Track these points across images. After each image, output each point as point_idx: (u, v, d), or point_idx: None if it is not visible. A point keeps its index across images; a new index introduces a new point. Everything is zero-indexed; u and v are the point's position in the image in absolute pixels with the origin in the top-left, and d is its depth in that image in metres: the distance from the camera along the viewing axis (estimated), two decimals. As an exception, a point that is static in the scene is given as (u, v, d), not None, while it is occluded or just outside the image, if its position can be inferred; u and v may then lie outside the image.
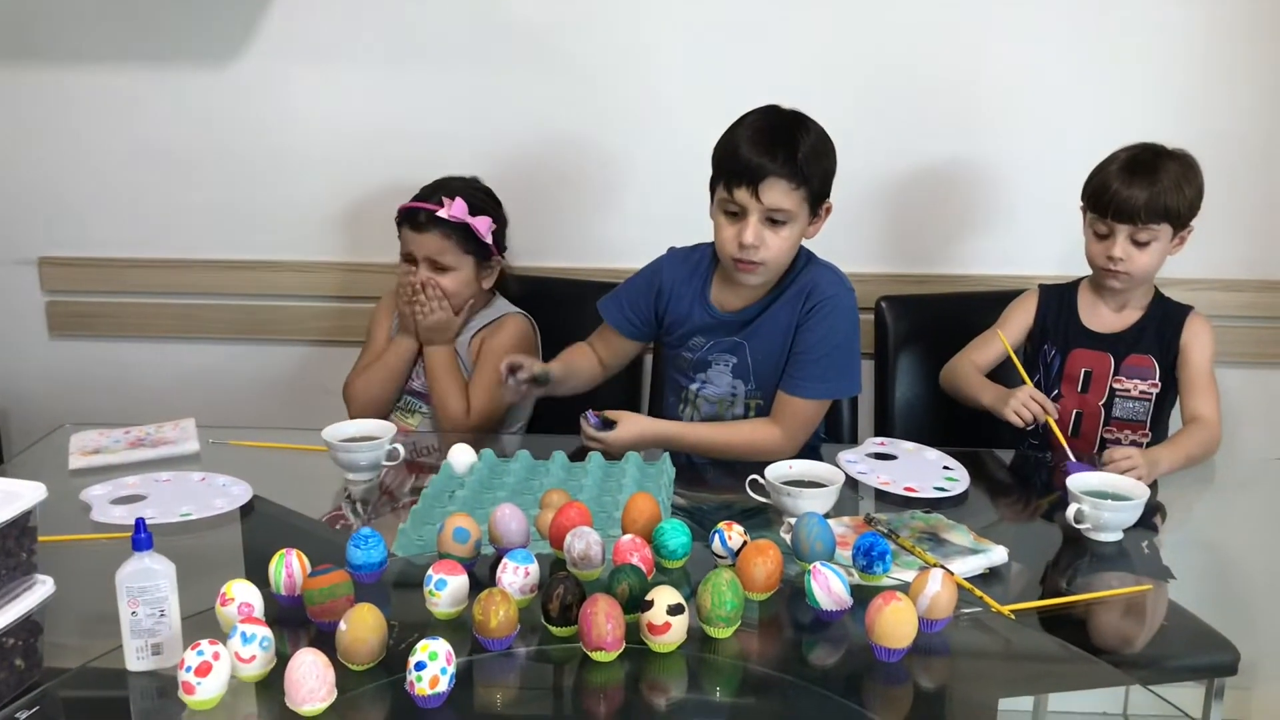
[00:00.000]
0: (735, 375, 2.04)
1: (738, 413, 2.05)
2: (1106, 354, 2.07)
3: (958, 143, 2.48)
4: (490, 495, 1.70)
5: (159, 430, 2.02)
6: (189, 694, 1.16)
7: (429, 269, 2.25)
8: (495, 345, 2.27)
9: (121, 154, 2.62)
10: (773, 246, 1.90)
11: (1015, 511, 1.90)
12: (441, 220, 2.23)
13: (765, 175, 1.85)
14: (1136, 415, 2.06)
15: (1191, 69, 2.40)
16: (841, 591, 1.34)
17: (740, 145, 1.88)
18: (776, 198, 1.86)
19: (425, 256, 2.25)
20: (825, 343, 1.96)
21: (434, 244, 2.24)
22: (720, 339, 2.05)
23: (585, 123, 2.52)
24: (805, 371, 1.96)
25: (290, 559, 1.37)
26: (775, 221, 1.89)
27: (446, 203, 2.23)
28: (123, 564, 1.25)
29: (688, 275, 2.08)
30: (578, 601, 1.27)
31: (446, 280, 2.25)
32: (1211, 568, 1.76)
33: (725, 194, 1.90)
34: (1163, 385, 2.05)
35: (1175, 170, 1.96)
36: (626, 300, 2.13)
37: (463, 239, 2.25)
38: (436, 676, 1.15)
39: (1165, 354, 2.05)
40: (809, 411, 1.97)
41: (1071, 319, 2.12)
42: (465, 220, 2.23)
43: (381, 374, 2.29)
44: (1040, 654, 1.42)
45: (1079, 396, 2.09)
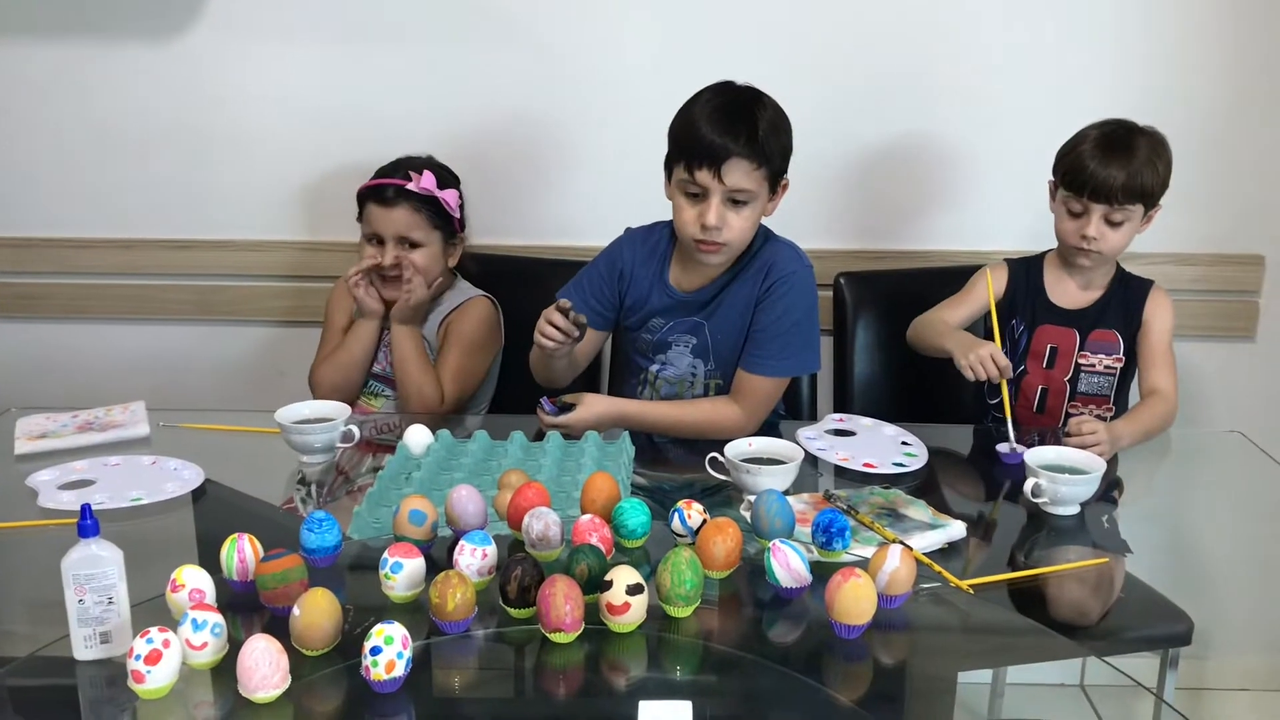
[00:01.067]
0: (695, 355, 2.03)
1: (698, 393, 2.04)
2: (1072, 329, 2.08)
3: (916, 118, 2.47)
4: (447, 477, 1.68)
5: (108, 414, 1.98)
6: (139, 683, 1.14)
7: (398, 247, 2.21)
8: (463, 329, 2.25)
9: (69, 131, 2.56)
10: (735, 227, 1.88)
11: (973, 486, 1.91)
12: (411, 194, 2.19)
13: (728, 156, 1.83)
14: (1101, 390, 2.08)
15: (1148, 45, 2.41)
16: (801, 568, 1.34)
17: (700, 125, 1.85)
18: (738, 178, 1.84)
19: (396, 234, 2.20)
20: (784, 320, 1.95)
21: (405, 219, 2.20)
22: (679, 319, 2.03)
23: (543, 100, 2.50)
24: (764, 349, 1.95)
25: (242, 544, 1.34)
26: (737, 202, 1.87)
27: (414, 176, 2.20)
28: (68, 551, 1.22)
29: (646, 256, 2.06)
30: (536, 583, 1.26)
31: (418, 257, 2.22)
32: (1167, 539, 1.78)
33: (686, 175, 1.86)
34: (1126, 359, 2.07)
35: (1148, 148, 1.97)
36: (589, 289, 2.08)
37: (432, 213, 2.22)
38: (393, 661, 1.14)
39: (1128, 328, 2.07)
40: (768, 389, 1.97)
41: (1039, 295, 2.12)
42: (435, 194, 2.21)
43: (346, 361, 2.24)
44: (999, 627, 1.42)
45: (1044, 372, 2.09)
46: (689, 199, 1.89)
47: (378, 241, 2.22)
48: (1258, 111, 2.44)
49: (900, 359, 2.32)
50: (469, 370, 2.23)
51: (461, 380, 2.21)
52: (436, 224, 2.24)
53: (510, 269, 2.46)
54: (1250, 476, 1.93)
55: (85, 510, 1.22)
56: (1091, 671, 2.13)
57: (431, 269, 2.24)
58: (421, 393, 2.16)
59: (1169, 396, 2.01)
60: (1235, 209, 2.49)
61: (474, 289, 2.33)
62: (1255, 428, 2.02)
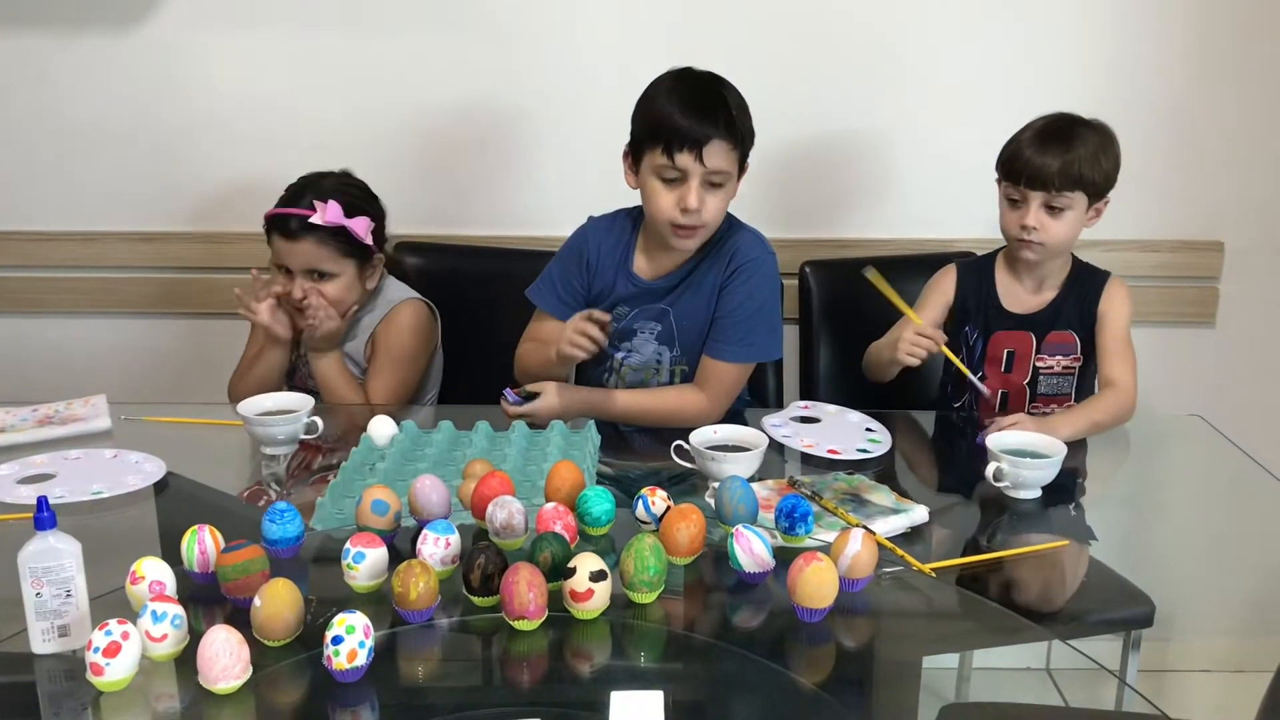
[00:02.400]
0: (660, 342, 2.03)
1: (663, 380, 2.05)
2: (1028, 333, 2.05)
3: (880, 108, 2.49)
4: (411, 467, 1.68)
5: (69, 407, 1.96)
6: (97, 675, 1.13)
7: (308, 278, 2.10)
8: (390, 342, 2.18)
9: (29, 123, 2.53)
10: (712, 208, 1.90)
11: (936, 471, 1.92)
12: (315, 226, 2.08)
13: (709, 139, 1.85)
14: (1061, 389, 2.06)
15: (1106, 31, 2.43)
16: (764, 553, 1.34)
17: (675, 111, 1.86)
18: (718, 160, 1.87)
19: (303, 267, 2.10)
20: (746, 306, 1.96)
21: (310, 253, 2.09)
22: (644, 306, 2.03)
23: (506, 89, 2.49)
24: (727, 335, 1.96)
25: (203, 535, 1.34)
26: (714, 184, 1.89)
27: (319, 206, 2.08)
28: (25, 544, 1.21)
29: (611, 245, 2.06)
30: (499, 571, 1.26)
31: (329, 289, 2.11)
32: (1129, 523, 1.80)
33: (665, 160, 1.86)
34: (1084, 358, 2.05)
35: (1091, 139, 1.94)
36: (560, 282, 2.07)
37: (341, 243, 2.11)
38: (354, 650, 1.13)
39: (1084, 325, 2.04)
40: (733, 376, 1.97)
41: (990, 300, 2.08)
42: (342, 224, 2.09)
43: (259, 380, 2.14)
44: (962, 611, 1.44)
45: (1003, 376, 2.07)
46: (665, 184, 1.89)
47: (286, 272, 2.12)
48: (1217, 98, 2.46)
49: (865, 347, 2.32)
50: (401, 378, 2.17)
51: (394, 391, 2.15)
52: (348, 253, 2.12)
53: (472, 259, 2.46)
54: (1210, 460, 1.95)
55: (42, 503, 1.21)
56: (1056, 655, 2.15)
57: (345, 299, 2.13)
58: (351, 405, 2.10)
59: (1125, 388, 1.96)
60: (1195, 195, 2.52)
61: (402, 291, 2.25)
62: (1215, 412, 2.04)
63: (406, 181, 2.53)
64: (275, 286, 2.12)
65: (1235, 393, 2.54)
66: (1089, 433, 1.90)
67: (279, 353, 2.16)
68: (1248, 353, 2.59)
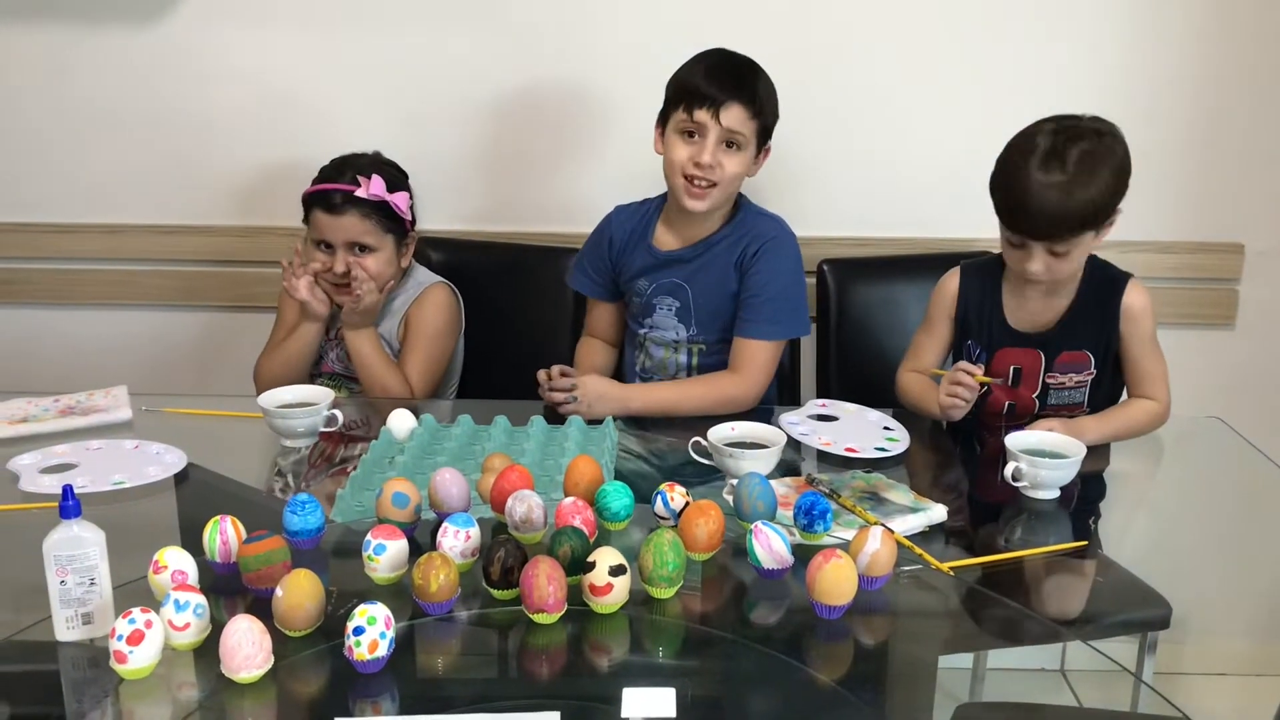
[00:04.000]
0: (679, 319, 2.08)
1: (681, 360, 2.09)
2: (1036, 352, 1.93)
3: (899, 106, 2.48)
4: (430, 461, 1.68)
5: (90, 398, 1.97)
6: (121, 663, 1.14)
7: (349, 253, 2.14)
8: (423, 320, 2.21)
9: (49, 115, 2.54)
10: (726, 168, 1.97)
11: (955, 470, 1.92)
12: (359, 200, 2.12)
13: (728, 99, 1.94)
14: (1073, 400, 1.95)
15: (1123, 29, 2.42)
16: (783, 550, 1.34)
17: (701, 73, 1.97)
18: (735, 121, 1.95)
19: (346, 241, 2.14)
20: (774, 283, 2.02)
21: (355, 226, 2.13)
22: (662, 280, 2.09)
23: (527, 84, 2.49)
24: (757, 313, 2.01)
25: (225, 526, 1.35)
26: (730, 145, 1.96)
27: (363, 181, 2.12)
28: (50, 532, 1.22)
29: (634, 225, 2.14)
30: (519, 564, 1.27)
31: (370, 262, 2.14)
32: (1146, 525, 1.79)
33: (685, 116, 1.96)
34: (1099, 370, 1.93)
35: (1090, 163, 1.77)
36: (590, 265, 2.18)
37: (383, 218, 2.16)
38: (375, 641, 1.14)
39: (1101, 337, 1.91)
40: (766, 354, 2.02)
41: (995, 316, 1.96)
42: (385, 198, 2.14)
43: (288, 358, 2.18)
44: (979, 611, 1.43)
45: (1010, 391, 1.96)
46: (684, 139, 1.98)
47: (326, 248, 2.15)
48: (1237, 99, 2.45)
49: (884, 345, 2.33)
50: (434, 359, 2.21)
51: (429, 371, 2.19)
52: (389, 228, 2.17)
53: (493, 255, 2.47)
54: (1230, 462, 1.94)
55: (67, 491, 1.22)
56: (1071, 657, 2.14)
57: (385, 273, 2.17)
58: (389, 392, 2.12)
59: (1160, 402, 1.89)
60: (1214, 197, 2.50)
61: (430, 275, 2.29)
62: (1234, 414, 2.02)
63: (427, 176, 2.53)
64: (314, 264, 2.15)
65: (1255, 395, 2.53)
66: (1114, 439, 1.88)
67: (314, 330, 2.18)
68: (1268, 355, 2.57)
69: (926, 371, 2.00)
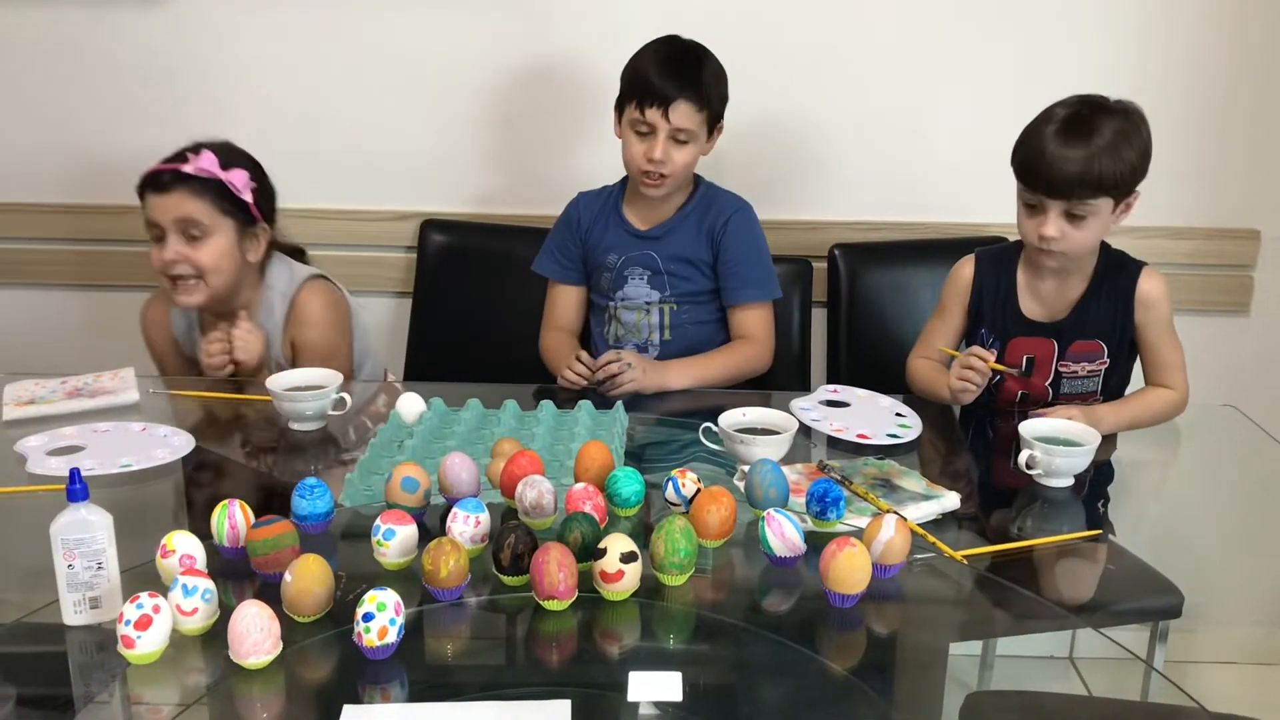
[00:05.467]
0: (650, 286, 2.16)
1: (654, 320, 2.16)
2: (1050, 340, 1.91)
3: (910, 90, 2.46)
4: (440, 445, 1.68)
5: (97, 380, 1.96)
6: (129, 648, 1.14)
7: (180, 239, 1.98)
8: (308, 334, 2.08)
9: (56, 96, 2.53)
10: (677, 161, 2.07)
11: (967, 457, 1.91)
12: (188, 177, 1.97)
13: (676, 98, 2.03)
14: (1086, 389, 1.93)
15: (1143, 17, 2.40)
16: (795, 538, 1.33)
17: (651, 70, 2.06)
18: (683, 119, 2.04)
19: (175, 220, 1.97)
20: (751, 248, 2.15)
21: (182, 204, 1.97)
22: (633, 252, 2.17)
23: (538, 68, 2.49)
24: (746, 278, 2.14)
25: (233, 510, 1.34)
26: (679, 140, 2.06)
27: (191, 157, 1.99)
28: (57, 516, 1.21)
29: (599, 207, 2.23)
30: (529, 551, 1.26)
31: (202, 253, 1.98)
32: (1159, 513, 1.78)
33: (637, 114, 2.06)
34: (1112, 359, 1.91)
35: (1113, 132, 1.77)
36: (557, 250, 2.24)
37: (217, 197, 1.99)
38: (385, 627, 1.14)
39: (1115, 327, 1.89)
40: (766, 315, 2.17)
41: (1009, 304, 1.94)
42: (216, 174, 1.98)
43: None
44: (992, 598, 1.42)
45: (1023, 381, 1.94)
46: (638, 136, 2.08)
47: (157, 236, 2.00)
48: (1253, 85, 2.43)
49: (895, 330, 2.31)
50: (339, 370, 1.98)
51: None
52: (225, 210, 2.00)
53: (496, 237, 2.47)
54: (1243, 450, 1.92)
55: (74, 475, 1.22)
56: (1081, 645, 2.14)
57: (221, 267, 2.00)
58: None
59: (1178, 391, 1.88)
60: (1230, 183, 2.49)
61: (298, 271, 2.13)
62: (1249, 402, 2.01)
63: (429, 159, 2.53)
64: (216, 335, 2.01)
65: (1270, 382, 2.52)
66: (1133, 428, 1.87)
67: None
68: (1283, 342, 2.56)
69: (942, 352, 1.98)
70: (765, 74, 2.39)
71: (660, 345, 2.17)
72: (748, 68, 2.23)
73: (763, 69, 2.38)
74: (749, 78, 2.24)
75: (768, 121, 2.42)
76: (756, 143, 2.41)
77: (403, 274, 2.58)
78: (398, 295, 2.61)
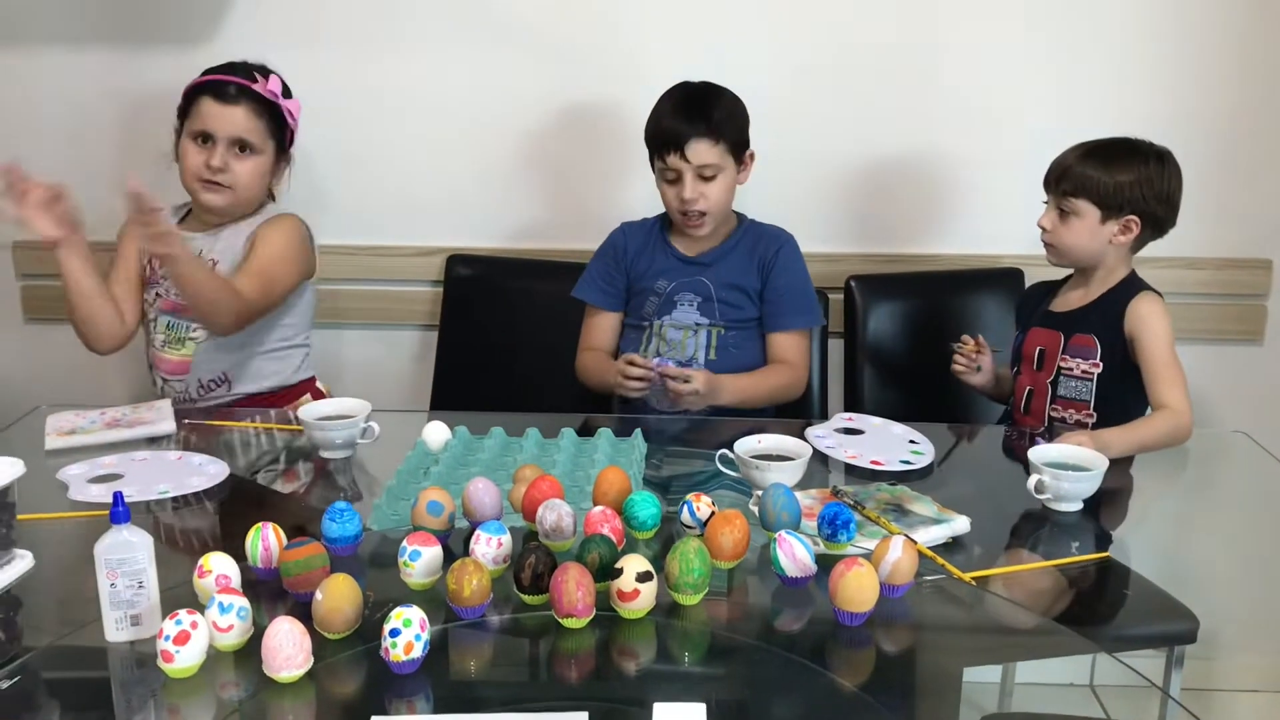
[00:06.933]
0: (700, 312, 2.20)
1: (701, 340, 2.19)
2: (1057, 333, 2.06)
3: (928, 124, 2.51)
4: (464, 472, 1.73)
5: (135, 411, 2.03)
6: (168, 662, 1.18)
7: (229, 150, 2.06)
8: (268, 236, 2.13)
9: (94, 136, 2.61)
10: (711, 196, 2.14)
11: (979, 483, 1.93)
12: (254, 95, 2.05)
13: (689, 138, 2.10)
14: (1080, 395, 2.02)
15: (1156, 51, 2.45)
16: (806, 558, 1.37)
17: (663, 119, 2.15)
18: (702, 155, 2.11)
19: (232, 135, 2.06)
20: (797, 280, 2.22)
21: (244, 121, 2.05)
22: (684, 278, 2.22)
23: (566, 104, 2.55)
24: (791, 307, 2.20)
25: (266, 532, 1.39)
26: (705, 177, 2.12)
27: (260, 79, 2.06)
28: (101, 537, 1.26)
29: (644, 235, 2.28)
30: (549, 570, 1.30)
31: (248, 166, 2.08)
32: (1171, 539, 1.79)
33: (661, 163, 2.14)
34: (1105, 366, 2.00)
35: (1126, 159, 1.95)
36: (600, 277, 2.27)
37: (271, 121, 2.09)
38: (411, 643, 1.18)
39: (1106, 333, 2.00)
40: (806, 343, 2.24)
41: (1042, 301, 2.13)
42: (280, 101, 2.08)
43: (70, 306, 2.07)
44: (1001, 619, 1.45)
45: (1033, 374, 2.09)
46: (669, 184, 2.16)
47: (203, 140, 2.07)
48: (1266, 116, 2.46)
49: (909, 360, 2.35)
50: (271, 279, 2.10)
51: (263, 289, 2.08)
52: (273, 134, 2.11)
53: (523, 272, 2.53)
54: (1255, 477, 1.94)
55: (118, 498, 1.27)
56: (1100, 672, 2.14)
57: (254, 185, 2.11)
58: (216, 307, 2.01)
59: (1178, 411, 1.92)
60: (1243, 214, 2.52)
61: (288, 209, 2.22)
62: (1263, 430, 2.02)
63: (456, 196, 2.59)
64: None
65: (1282, 411, 2.53)
66: (1140, 451, 1.90)
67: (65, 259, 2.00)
68: (1296, 371, 2.58)
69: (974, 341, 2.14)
70: (785, 110, 2.44)
71: (705, 365, 2.18)
72: (768, 102, 2.28)
73: (782, 105, 2.43)
74: (770, 113, 2.29)
75: (786, 157, 2.46)
76: (776, 177, 2.45)
77: (430, 307, 2.64)
78: (424, 328, 2.67)
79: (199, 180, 2.10)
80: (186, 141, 2.11)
